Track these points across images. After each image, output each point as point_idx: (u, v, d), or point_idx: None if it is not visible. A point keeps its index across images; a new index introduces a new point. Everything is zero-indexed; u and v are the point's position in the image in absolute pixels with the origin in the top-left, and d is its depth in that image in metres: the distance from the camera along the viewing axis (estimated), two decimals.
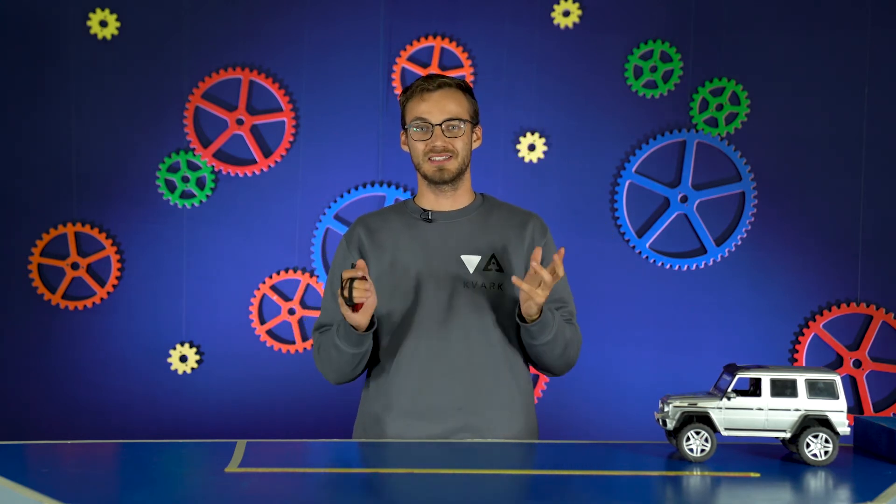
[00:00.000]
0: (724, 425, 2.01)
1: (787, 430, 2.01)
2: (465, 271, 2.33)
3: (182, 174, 4.00)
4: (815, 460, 1.99)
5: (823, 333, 3.90)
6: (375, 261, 2.36)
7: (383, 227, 2.40)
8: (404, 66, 3.99)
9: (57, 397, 4.01)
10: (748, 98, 3.93)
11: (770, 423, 2.01)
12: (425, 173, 2.35)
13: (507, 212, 2.43)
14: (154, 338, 4.02)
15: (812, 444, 1.99)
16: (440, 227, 2.37)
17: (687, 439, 2.00)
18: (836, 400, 2.01)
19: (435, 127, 2.31)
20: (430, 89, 2.33)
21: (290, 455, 2.15)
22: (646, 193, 3.98)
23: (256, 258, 4.02)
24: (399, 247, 2.35)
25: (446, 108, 2.32)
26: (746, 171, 3.93)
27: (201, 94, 4.00)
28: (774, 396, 2.01)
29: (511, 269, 2.35)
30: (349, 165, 4.01)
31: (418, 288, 2.32)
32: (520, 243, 2.37)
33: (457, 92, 2.35)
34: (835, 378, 2.02)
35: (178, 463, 2.03)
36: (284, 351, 4.00)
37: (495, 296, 2.33)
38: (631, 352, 3.97)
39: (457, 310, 2.31)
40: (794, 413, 2.01)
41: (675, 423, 2.02)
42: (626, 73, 3.97)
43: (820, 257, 3.92)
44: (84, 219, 4.02)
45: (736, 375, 2.03)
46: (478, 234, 2.37)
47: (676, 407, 2.02)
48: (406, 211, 2.42)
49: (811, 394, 2.01)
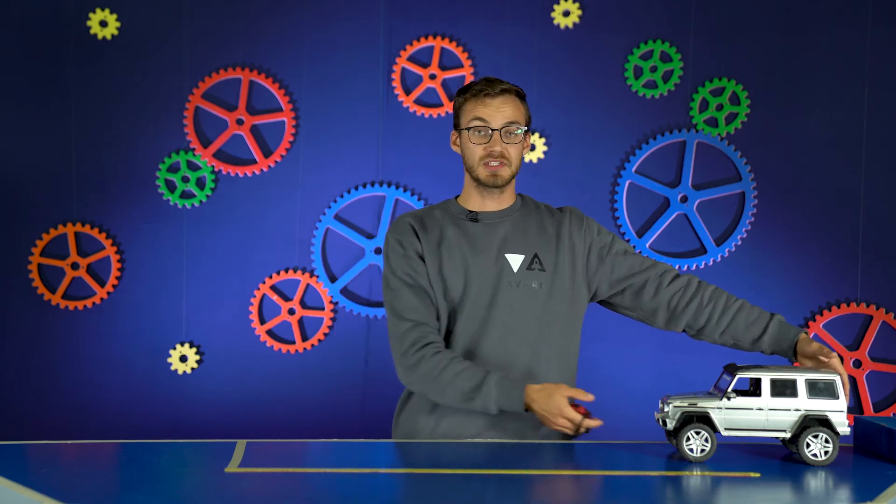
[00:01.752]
0: (724, 425, 2.01)
1: (787, 431, 2.01)
2: (509, 270, 2.34)
3: (182, 174, 4.00)
4: (816, 460, 1.99)
5: (823, 333, 3.90)
6: (430, 256, 2.35)
7: (431, 223, 2.39)
8: (404, 66, 3.99)
9: (57, 397, 4.01)
10: (748, 98, 3.93)
11: (770, 423, 2.01)
12: (478, 177, 2.37)
13: (546, 211, 2.47)
14: (154, 338, 4.01)
15: (812, 444, 1.99)
16: (485, 226, 2.39)
17: (687, 439, 2.00)
18: (836, 400, 2.01)
19: (494, 132, 2.32)
20: (492, 94, 2.34)
21: (290, 455, 2.14)
22: (646, 193, 3.98)
23: (256, 258, 4.02)
24: (449, 244, 2.36)
25: (506, 113, 2.34)
26: (746, 171, 3.93)
27: (201, 94, 4.00)
28: (774, 396, 2.01)
29: (555, 268, 2.36)
30: (349, 165, 4.01)
31: (467, 286, 2.32)
32: (560, 241, 2.39)
33: (515, 98, 2.38)
34: (835, 378, 2.02)
35: (178, 463, 2.03)
36: (284, 351, 4.00)
37: (538, 294, 2.34)
38: (631, 351, 3.97)
39: (500, 308, 2.32)
40: (795, 413, 2.00)
41: (676, 424, 2.02)
42: (626, 73, 3.97)
43: (820, 257, 3.92)
44: (84, 219, 4.02)
45: (736, 375, 2.03)
46: (520, 233, 2.39)
47: (676, 407, 2.02)
48: (449, 211, 2.43)
49: (811, 394, 2.01)
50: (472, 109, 2.35)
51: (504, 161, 2.34)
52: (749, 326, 2.34)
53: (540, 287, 2.34)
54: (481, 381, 2.22)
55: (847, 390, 2.09)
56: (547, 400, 2.18)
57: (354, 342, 4.00)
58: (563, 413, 2.17)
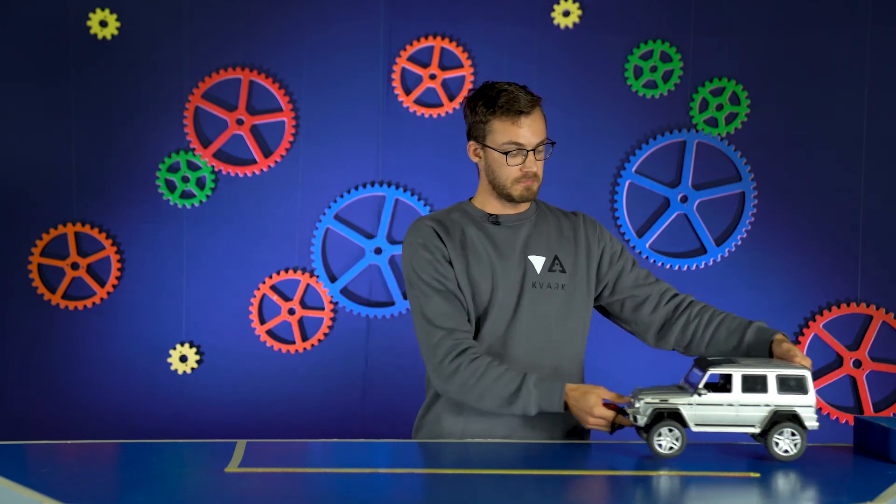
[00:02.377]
0: (694, 421, 2.00)
1: (757, 426, 2.00)
2: (532, 271, 2.35)
3: (182, 174, 4.00)
4: (785, 456, 1.99)
5: (823, 333, 3.90)
6: (457, 260, 2.33)
7: (454, 227, 2.38)
8: (404, 66, 3.99)
9: (57, 397, 4.01)
10: (748, 98, 3.93)
11: (740, 418, 2.00)
12: (511, 194, 2.35)
13: (559, 214, 2.48)
14: (154, 338, 4.01)
15: (781, 439, 1.99)
16: (506, 229, 2.39)
17: (658, 435, 2.00)
18: (806, 395, 2.00)
19: (529, 153, 2.31)
20: (526, 112, 2.29)
21: (290, 455, 2.14)
22: (646, 193, 3.98)
23: (256, 258, 4.02)
24: (474, 248, 2.35)
25: (538, 131, 2.32)
26: (746, 171, 3.93)
27: (201, 94, 4.00)
28: (745, 392, 2.00)
29: (574, 269, 2.38)
30: (349, 165, 4.00)
31: (494, 288, 2.32)
32: (577, 244, 2.42)
33: (540, 111, 2.35)
34: (805, 374, 2.01)
35: (178, 463, 2.03)
36: (284, 351, 4.00)
37: (560, 295, 2.36)
38: (630, 352, 3.96)
39: (525, 310, 2.33)
40: (765, 409, 2.00)
41: (647, 420, 2.01)
42: (626, 73, 3.97)
43: (820, 257, 3.92)
44: (84, 219, 4.02)
45: (708, 371, 2.01)
46: (540, 236, 2.40)
47: (648, 403, 2.02)
48: (469, 213, 2.42)
49: (781, 389, 2.00)
50: (505, 130, 2.30)
51: (537, 178, 2.35)
52: (729, 336, 2.36)
53: (561, 288, 2.36)
54: (520, 384, 2.22)
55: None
56: (582, 398, 2.19)
57: (354, 342, 4.00)
58: (593, 412, 2.17)
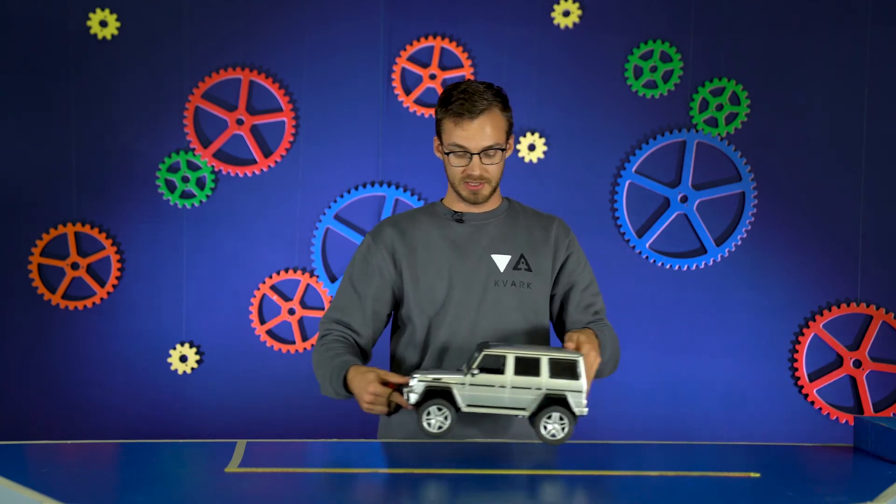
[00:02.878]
0: (465, 401, 2.00)
1: (528, 409, 2.00)
2: (495, 270, 2.36)
3: (182, 174, 4.00)
4: (552, 439, 2.00)
5: (823, 333, 3.90)
6: (407, 262, 2.37)
7: (413, 228, 2.41)
8: (404, 66, 3.99)
9: (57, 397, 4.01)
10: (748, 98, 3.93)
11: (513, 400, 2.00)
12: (460, 194, 2.38)
13: (532, 215, 2.49)
14: (154, 338, 4.01)
15: (548, 423, 1.99)
16: (470, 227, 2.41)
17: (427, 414, 2.00)
18: (576, 380, 2.00)
19: (473, 156, 2.31)
20: (473, 116, 2.28)
21: (290, 455, 2.14)
22: (646, 193, 3.98)
23: (256, 258, 4.02)
24: (430, 246, 2.38)
25: (486, 135, 2.29)
26: (746, 171, 3.93)
27: (201, 94, 4.00)
28: (518, 375, 2.00)
29: (539, 269, 2.39)
30: (349, 165, 4.01)
31: (450, 287, 2.34)
32: (545, 244, 2.42)
33: (495, 114, 2.31)
34: (577, 358, 2.01)
35: (178, 463, 2.03)
36: (284, 351, 4.00)
37: (525, 294, 2.37)
38: (630, 352, 3.96)
39: (488, 308, 2.34)
40: (536, 392, 2.00)
41: (418, 398, 2.01)
42: (626, 73, 3.97)
43: (820, 257, 3.92)
44: (84, 219, 4.02)
45: (482, 352, 2.02)
46: (506, 235, 2.41)
47: (420, 382, 2.01)
48: (436, 212, 2.45)
49: (553, 373, 2.00)
50: (450, 131, 2.31)
51: (483, 181, 2.34)
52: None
53: (527, 287, 2.37)
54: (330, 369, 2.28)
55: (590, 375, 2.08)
56: (359, 377, 2.20)
57: None
58: (367, 388, 2.17)
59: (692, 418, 3.94)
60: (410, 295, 2.36)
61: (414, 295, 2.36)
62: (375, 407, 2.18)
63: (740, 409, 3.93)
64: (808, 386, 3.89)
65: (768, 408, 3.92)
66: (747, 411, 3.93)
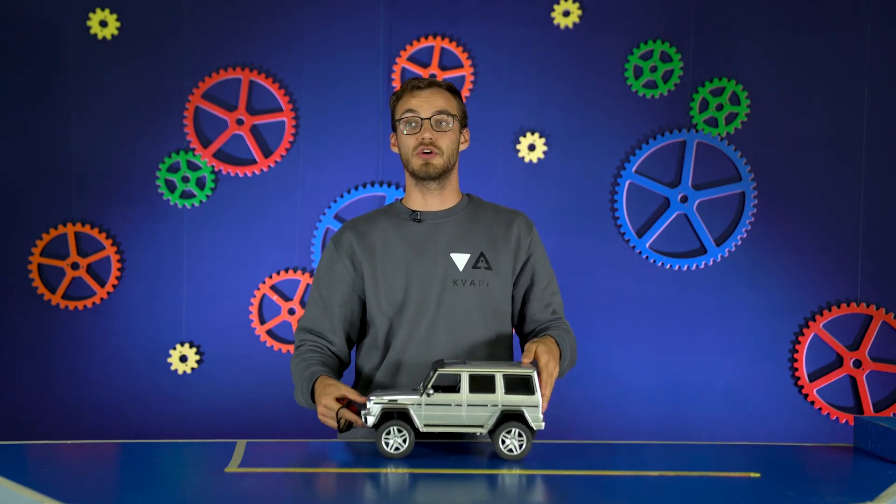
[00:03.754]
0: (423, 421, 2.00)
1: (485, 426, 2.00)
2: (454, 269, 2.35)
3: (182, 174, 4.00)
4: (510, 455, 1.99)
5: (823, 333, 3.90)
6: (367, 264, 2.38)
7: (372, 229, 2.42)
8: (404, 66, 3.99)
9: (57, 397, 4.01)
10: (748, 98, 3.93)
11: (469, 418, 2.00)
12: (413, 169, 2.39)
13: (493, 211, 2.47)
14: (154, 338, 4.01)
15: (507, 439, 1.99)
16: (428, 226, 2.41)
17: (387, 433, 1.99)
18: (532, 395, 2.00)
19: (424, 121, 2.35)
20: (421, 87, 2.38)
21: (290, 455, 2.14)
22: (646, 193, 3.98)
23: (256, 258, 4.02)
24: (388, 248, 2.38)
25: (435, 103, 2.37)
26: (746, 171, 3.93)
27: (201, 94, 4.00)
28: (473, 392, 2.00)
29: (499, 267, 2.38)
30: (349, 165, 4.01)
31: (408, 287, 2.34)
32: (506, 242, 2.41)
33: (445, 92, 2.40)
34: (531, 373, 2.01)
35: (178, 463, 2.03)
36: (284, 351, 4.00)
37: (484, 293, 2.35)
38: (630, 352, 3.97)
39: (446, 307, 2.33)
40: (492, 409, 2.00)
41: (375, 420, 2.01)
42: (626, 73, 3.97)
43: (820, 257, 3.92)
44: (84, 219, 4.02)
45: (437, 371, 2.01)
46: (466, 232, 2.40)
47: (377, 403, 2.01)
48: (394, 212, 2.46)
49: (508, 389, 2.00)
50: (401, 105, 2.39)
51: (435, 150, 2.36)
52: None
53: (486, 285, 2.36)
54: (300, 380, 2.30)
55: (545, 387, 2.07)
56: (321, 389, 2.21)
57: None
58: (321, 401, 2.19)
59: (692, 418, 3.94)
60: (371, 297, 2.37)
61: (374, 296, 2.36)
62: (326, 420, 2.19)
63: (740, 408, 3.93)
64: (808, 386, 3.90)
65: (768, 408, 3.92)
66: (747, 411, 3.93)
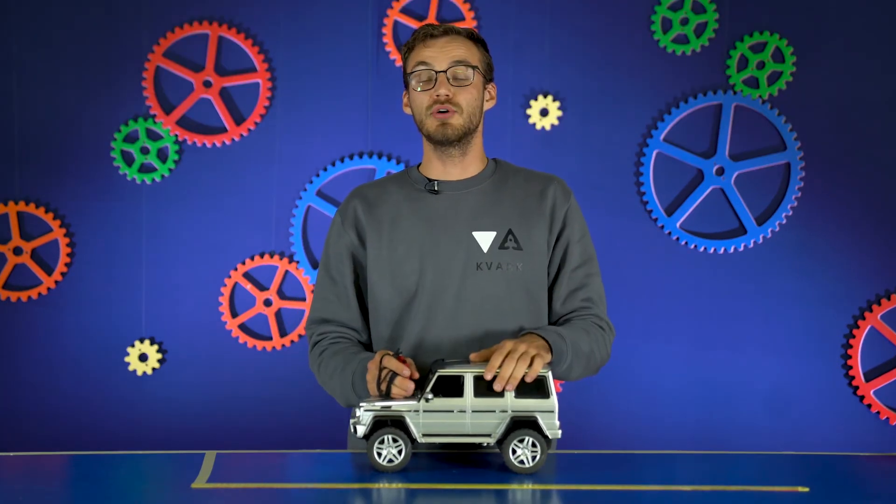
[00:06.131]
0: (421, 430, 1.97)
1: (493, 435, 1.98)
2: (477, 250, 2.31)
3: (141, 145, 4.00)
4: (522, 468, 1.96)
5: (881, 326, 3.90)
6: (374, 240, 2.34)
7: (383, 199, 2.38)
8: (397, 18, 3.98)
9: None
10: (794, 55, 3.93)
11: (475, 426, 1.97)
12: (428, 131, 2.32)
13: (524, 179, 2.41)
14: (109, 334, 4.02)
15: (518, 449, 1.97)
16: (448, 199, 2.36)
17: (380, 442, 1.97)
18: (547, 399, 1.99)
19: (439, 74, 2.29)
20: (436, 35, 2.31)
21: (265, 468, 2.15)
22: (676, 165, 3.98)
23: (227, 242, 4.02)
24: (399, 223, 2.34)
25: (452, 53, 2.29)
26: (792, 138, 3.93)
27: (163, 53, 3.99)
28: (479, 397, 1.98)
29: (532, 246, 2.33)
30: (334, 134, 4.01)
31: (423, 271, 2.30)
32: (540, 215, 2.35)
33: (465, 39, 2.33)
34: (545, 374, 1.99)
35: (139, 477, 2.04)
36: (260, 348, 4.01)
37: (514, 278, 2.31)
38: (660, 347, 3.97)
39: (469, 296, 2.29)
40: (501, 415, 1.97)
41: (366, 430, 1.98)
42: (652, 27, 3.96)
43: (876, 238, 3.93)
44: (28, 197, 4.02)
45: (436, 373, 1.98)
46: (492, 206, 2.35)
47: (367, 411, 1.98)
48: (408, 181, 2.41)
49: (519, 392, 1.98)
50: (416, 55, 2.32)
51: (453, 108, 2.29)
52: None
53: (517, 268, 2.31)
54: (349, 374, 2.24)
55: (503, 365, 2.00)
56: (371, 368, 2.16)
57: None
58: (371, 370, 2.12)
59: (730, 424, 3.95)
60: (375, 281, 2.33)
61: (379, 281, 2.32)
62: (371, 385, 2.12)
63: (786, 413, 3.94)
64: (864, 386, 3.90)
65: (818, 412, 3.93)
66: (794, 416, 3.94)
